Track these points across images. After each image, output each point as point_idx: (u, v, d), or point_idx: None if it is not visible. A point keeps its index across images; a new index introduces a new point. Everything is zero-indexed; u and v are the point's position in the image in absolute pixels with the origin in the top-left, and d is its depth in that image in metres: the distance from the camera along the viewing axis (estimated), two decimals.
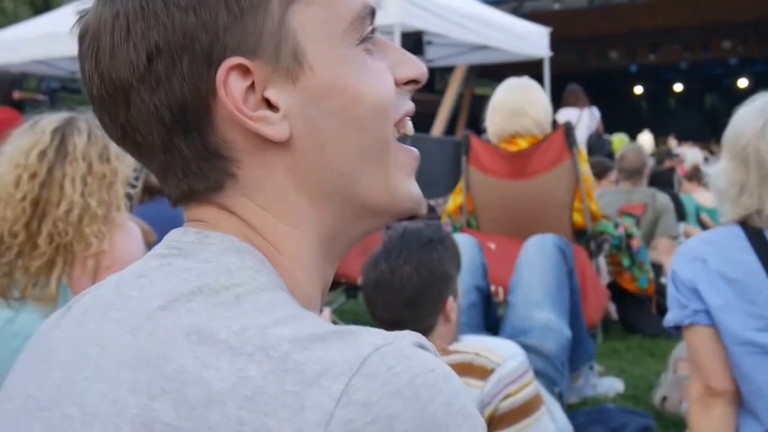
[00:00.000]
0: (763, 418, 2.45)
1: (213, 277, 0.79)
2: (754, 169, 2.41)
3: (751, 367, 2.45)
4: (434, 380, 0.71)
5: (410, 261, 2.45)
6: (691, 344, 2.52)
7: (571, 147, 4.58)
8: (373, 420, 0.68)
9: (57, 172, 2.33)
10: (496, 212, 4.74)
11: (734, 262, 2.46)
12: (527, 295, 3.41)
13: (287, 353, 0.72)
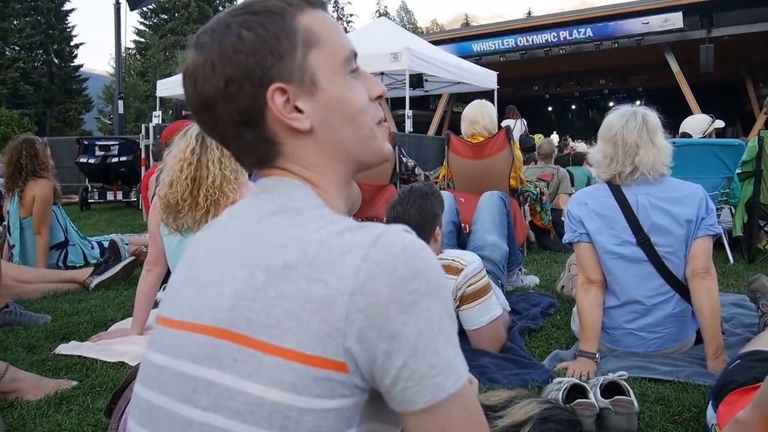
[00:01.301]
0: (619, 294, 2.50)
1: (286, 202, 0.82)
2: (620, 147, 2.42)
3: (612, 266, 2.48)
4: (418, 248, 0.74)
5: (414, 205, 2.47)
6: (577, 253, 2.54)
7: (510, 140, 4.59)
8: (381, 271, 0.71)
9: (203, 159, 2.40)
10: (465, 179, 4.75)
11: (603, 205, 2.48)
12: (482, 226, 3.42)
13: (331, 239, 0.75)
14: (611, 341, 2.52)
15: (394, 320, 0.70)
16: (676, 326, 2.46)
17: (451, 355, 0.73)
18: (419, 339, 0.70)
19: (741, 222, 4.66)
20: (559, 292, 3.49)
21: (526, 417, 1.02)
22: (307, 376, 0.72)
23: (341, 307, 0.71)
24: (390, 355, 0.71)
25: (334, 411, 0.73)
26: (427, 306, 0.72)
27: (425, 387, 0.71)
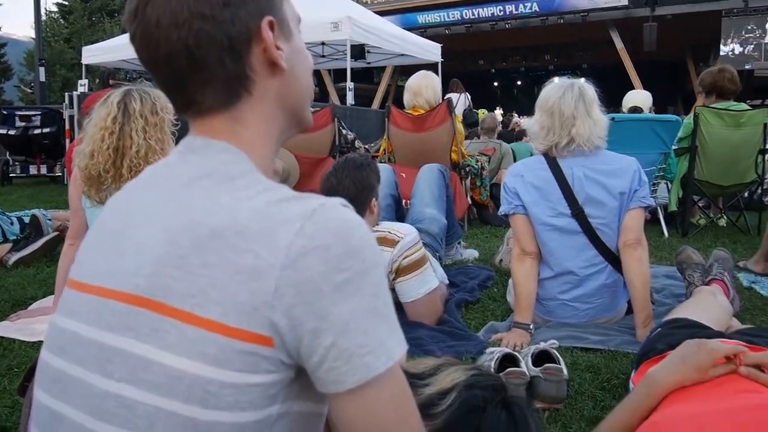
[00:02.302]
0: (553, 265, 2.56)
1: (214, 167, 0.79)
2: (557, 118, 2.47)
3: (547, 238, 2.54)
4: (354, 224, 0.74)
5: (349, 177, 2.47)
6: (513, 225, 2.60)
7: (451, 113, 4.61)
8: (316, 246, 0.70)
9: (126, 128, 2.33)
10: (406, 152, 4.76)
11: (539, 177, 2.53)
12: (421, 199, 3.45)
13: (265, 208, 0.74)
14: (545, 312, 2.60)
15: (326, 298, 0.70)
16: (609, 297, 2.56)
17: (383, 335, 0.73)
18: (350, 318, 0.70)
19: (676, 197, 4.85)
20: (498, 266, 3.57)
21: (452, 384, 1.04)
22: (230, 349, 0.71)
23: (271, 281, 0.70)
24: (318, 333, 0.70)
25: (258, 386, 0.72)
26: (360, 285, 0.71)
27: (353, 367, 0.70)
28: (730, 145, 4.60)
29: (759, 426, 1.08)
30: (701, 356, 1.34)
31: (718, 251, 2.82)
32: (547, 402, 1.84)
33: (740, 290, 3.11)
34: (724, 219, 5.12)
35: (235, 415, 0.72)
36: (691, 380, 1.33)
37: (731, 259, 2.81)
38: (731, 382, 1.32)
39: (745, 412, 1.14)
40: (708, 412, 1.18)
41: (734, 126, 4.57)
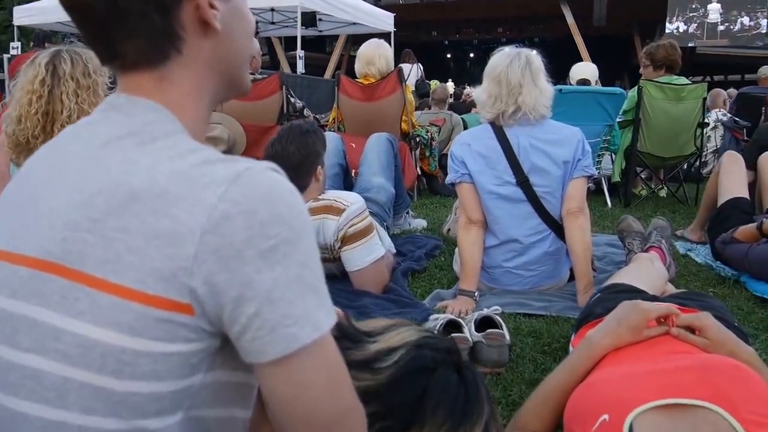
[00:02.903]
0: (498, 233, 2.59)
1: (137, 127, 0.76)
2: (504, 86, 2.48)
3: (492, 206, 2.56)
4: (283, 190, 0.72)
5: (294, 143, 2.44)
6: (459, 193, 2.62)
7: (401, 83, 4.58)
8: (240, 212, 0.68)
9: (55, 91, 2.18)
10: (356, 122, 4.72)
11: (485, 146, 2.55)
12: (369, 168, 3.42)
13: (187, 170, 0.71)
14: (490, 280, 2.64)
15: (249, 265, 0.68)
16: (552, 264, 2.61)
17: (310, 305, 0.71)
18: (274, 287, 0.68)
19: (620, 168, 4.97)
20: (445, 235, 3.59)
21: (402, 342, 1.02)
22: (146, 317, 0.68)
23: (190, 246, 0.68)
24: (241, 302, 0.68)
25: (177, 355, 0.70)
26: (286, 253, 0.69)
27: (277, 337, 0.69)
28: (671, 118, 4.72)
29: (688, 386, 1.12)
30: (635, 317, 1.38)
31: (657, 220, 2.91)
32: (490, 366, 1.88)
33: (677, 257, 3.22)
34: (665, 190, 5.28)
35: (153, 385, 0.70)
36: (625, 341, 1.37)
37: (669, 227, 2.91)
38: (664, 344, 1.37)
39: (675, 373, 1.18)
40: (640, 373, 1.22)
41: (675, 99, 4.69)
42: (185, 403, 0.74)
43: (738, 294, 2.66)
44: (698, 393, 1.09)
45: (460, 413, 0.98)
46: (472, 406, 1.00)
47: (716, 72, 18.14)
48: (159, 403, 0.71)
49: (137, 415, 0.71)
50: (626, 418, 1.08)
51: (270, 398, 0.75)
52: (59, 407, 0.70)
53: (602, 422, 1.11)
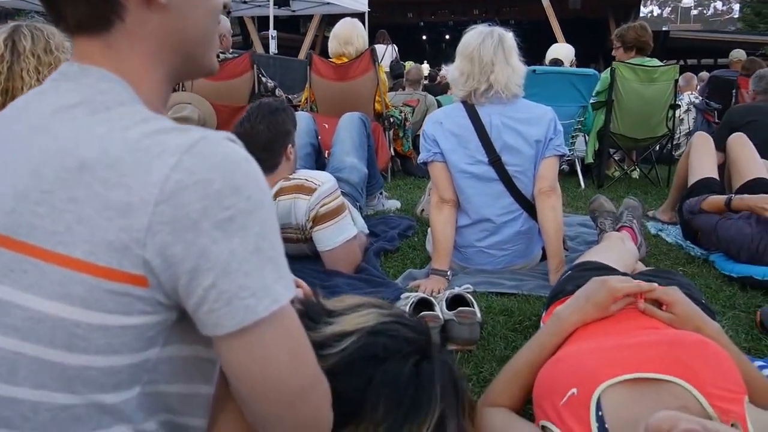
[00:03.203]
0: (470, 213, 2.59)
1: (90, 95, 0.74)
2: (476, 64, 2.47)
3: (464, 185, 2.56)
4: (239, 160, 0.71)
5: (264, 122, 2.40)
6: (432, 172, 2.61)
7: (375, 63, 4.55)
8: (195, 182, 0.67)
9: (15, 67, 2.09)
10: (328, 102, 4.68)
11: (457, 124, 2.54)
12: (341, 148, 3.40)
13: (140, 139, 0.70)
14: (463, 259, 2.64)
15: (205, 237, 0.67)
16: (524, 243, 2.62)
17: (268, 277, 0.70)
18: (231, 258, 0.68)
19: (593, 150, 5.00)
20: (419, 215, 3.59)
21: (356, 327, 0.99)
22: (98, 290, 0.67)
23: (143, 217, 0.66)
24: (197, 274, 0.68)
25: (132, 329, 0.69)
26: (243, 224, 0.69)
27: (234, 309, 0.68)
28: (643, 100, 4.76)
29: (655, 361, 1.13)
30: (603, 294, 1.39)
31: (628, 200, 2.93)
32: (461, 344, 1.88)
33: (648, 237, 3.25)
34: (637, 171, 5.33)
35: (108, 359, 0.69)
36: (593, 317, 1.38)
37: (641, 207, 2.94)
38: (633, 320, 1.38)
39: (642, 348, 1.19)
40: (608, 347, 1.23)
41: (648, 81, 4.72)
42: (143, 377, 0.73)
43: (707, 273, 2.70)
44: (665, 368, 1.10)
45: (407, 410, 0.93)
46: (422, 404, 0.95)
47: (689, 56, 18.33)
48: (116, 378, 0.71)
49: (93, 390, 0.70)
50: (594, 391, 1.09)
51: (231, 373, 0.74)
52: (10, 383, 0.69)
53: (570, 396, 1.12)
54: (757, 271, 2.49)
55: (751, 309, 2.23)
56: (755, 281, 2.46)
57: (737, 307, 2.28)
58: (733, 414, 1.04)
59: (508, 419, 1.29)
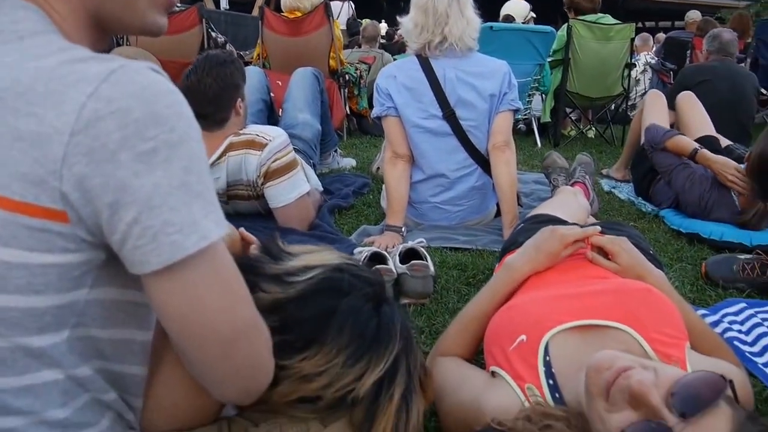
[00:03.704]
0: (425, 168, 2.59)
1: (2, 24, 0.70)
2: (431, 16, 2.44)
3: (418, 140, 2.55)
4: (162, 90, 0.68)
5: (211, 74, 2.33)
6: (385, 127, 2.59)
7: (329, 18, 4.47)
8: (113, 111, 0.65)
9: None
10: (281, 58, 4.60)
11: (411, 78, 2.52)
12: (294, 104, 3.33)
13: (54, 68, 0.67)
14: (417, 215, 2.64)
15: (125, 169, 0.64)
16: (478, 199, 2.64)
17: (196, 213, 0.68)
18: (155, 192, 0.65)
19: (549, 108, 5.04)
20: (374, 173, 3.57)
21: (321, 263, 1.00)
22: (14, 226, 0.65)
23: (58, 148, 0.64)
24: (118, 208, 0.65)
25: (55, 267, 0.67)
26: (167, 157, 0.66)
27: (160, 246, 0.66)
28: (599, 58, 4.80)
29: (602, 309, 1.15)
30: (552, 242, 1.41)
31: (581, 156, 2.96)
32: (414, 297, 1.89)
33: (601, 194, 3.31)
34: (593, 131, 5.41)
35: (30, 299, 0.67)
36: (544, 265, 1.40)
37: (593, 163, 2.98)
38: (581, 269, 1.40)
39: (590, 296, 1.21)
40: (557, 296, 1.25)
41: (604, 39, 4.76)
42: (71, 320, 0.71)
43: (656, 228, 2.77)
44: (611, 315, 1.14)
45: (369, 341, 0.95)
46: (382, 338, 0.97)
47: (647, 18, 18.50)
48: (40, 320, 0.68)
49: (17, 333, 0.68)
50: (543, 338, 1.12)
51: (161, 314, 0.73)
52: None
53: (520, 342, 1.14)
54: (703, 228, 2.57)
55: (698, 261, 2.29)
56: (701, 238, 2.53)
57: (684, 260, 2.34)
58: (674, 358, 1.07)
59: (460, 366, 1.31)
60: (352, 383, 0.93)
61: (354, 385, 0.93)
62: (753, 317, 1.85)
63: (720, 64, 3.88)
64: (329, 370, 0.92)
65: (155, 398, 0.86)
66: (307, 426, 0.96)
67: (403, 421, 0.97)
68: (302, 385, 0.92)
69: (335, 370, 0.92)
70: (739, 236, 2.46)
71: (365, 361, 0.94)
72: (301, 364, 0.91)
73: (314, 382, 0.92)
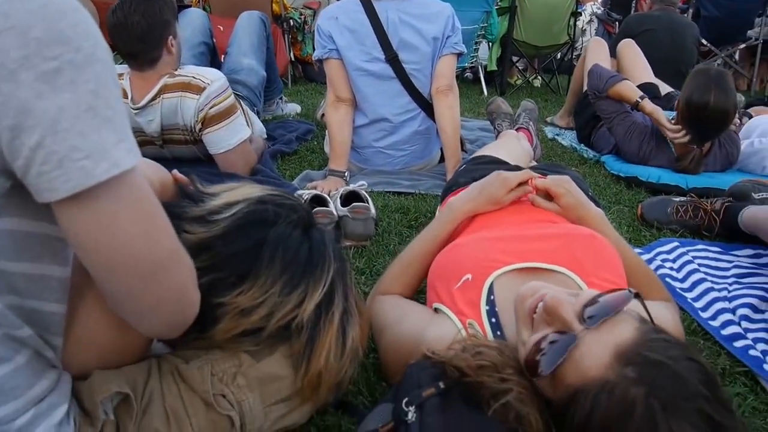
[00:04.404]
0: (368, 112, 2.56)
1: None
2: None
3: (361, 83, 2.51)
4: (65, 8, 0.64)
5: (138, 10, 2.19)
6: (327, 70, 2.53)
7: None
8: (11, 27, 0.61)
9: None
10: (222, 1, 4.42)
11: (353, 19, 2.46)
12: (239, 48, 3.22)
13: None
14: (361, 160, 2.62)
15: (26, 90, 0.61)
16: (422, 143, 2.62)
17: (106, 140, 0.65)
18: (60, 116, 0.62)
19: (496, 57, 5.02)
20: (319, 120, 3.52)
21: (243, 197, 0.98)
22: None
23: None
24: (20, 132, 0.61)
25: None
26: (73, 79, 0.63)
27: (67, 172, 0.63)
28: (546, 6, 4.79)
29: (548, 253, 1.17)
30: (496, 185, 1.41)
31: (525, 102, 2.96)
32: (355, 240, 1.88)
33: (545, 141, 3.35)
34: (539, 80, 5.43)
35: None
36: (486, 207, 1.41)
37: (537, 109, 2.98)
38: (528, 212, 1.42)
39: (537, 240, 1.23)
40: (505, 238, 1.26)
41: None
42: None
43: (597, 172, 2.82)
44: (556, 259, 1.16)
45: (303, 267, 0.96)
46: (316, 262, 0.98)
47: None
48: None
49: None
50: (488, 277, 1.14)
51: (78, 246, 0.70)
52: None
53: (465, 281, 1.16)
54: (642, 172, 2.62)
55: (634, 204, 2.35)
56: (640, 181, 2.59)
57: (622, 203, 2.40)
58: None
59: (401, 303, 1.32)
60: (294, 310, 0.94)
61: (296, 312, 0.94)
62: (684, 255, 1.91)
63: (662, 13, 3.91)
64: (267, 300, 0.92)
65: (76, 336, 0.83)
66: (239, 360, 0.96)
67: (340, 343, 0.98)
68: (242, 320, 0.92)
69: (273, 300, 0.92)
70: (675, 179, 2.53)
71: (303, 286, 0.95)
72: (237, 299, 0.91)
73: (254, 314, 0.92)
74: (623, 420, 0.71)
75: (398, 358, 1.12)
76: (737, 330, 1.50)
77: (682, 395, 0.71)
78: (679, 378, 0.72)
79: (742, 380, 1.32)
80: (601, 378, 0.75)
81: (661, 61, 3.47)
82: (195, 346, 0.97)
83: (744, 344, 1.44)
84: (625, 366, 0.74)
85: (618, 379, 0.73)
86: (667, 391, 0.71)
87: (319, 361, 0.96)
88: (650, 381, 0.72)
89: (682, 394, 0.71)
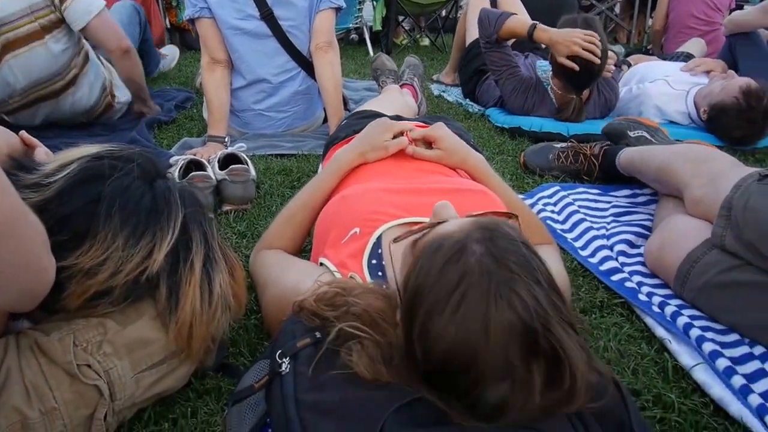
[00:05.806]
0: (245, 73, 2.47)
1: None
2: None
3: (236, 43, 2.43)
4: None
5: None
6: (200, 30, 2.42)
7: None
8: None
9: None
10: None
11: None
12: None
13: None
14: (241, 124, 2.54)
15: None
16: (304, 104, 2.56)
17: None
18: None
19: (381, 17, 4.99)
20: (198, 88, 3.37)
21: (77, 157, 0.94)
22: None
23: None
24: None
25: None
26: None
27: None
28: None
29: (430, 207, 1.16)
30: (379, 129, 1.40)
31: (410, 58, 2.96)
32: (235, 203, 1.82)
33: (431, 98, 3.36)
34: (426, 39, 5.44)
35: None
36: (371, 157, 1.40)
37: (421, 65, 2.98)
38: (415, 162, 1.40)
39: (427, 194, 1.23)
40: (392, 191, 1.25)
41: None
42: None
43: (482, 126, 2.87)
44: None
45: (146, 216, 0.93)
46: (161, 209, 0.95)
47: None
48: None
49: None
50: (375, 231, 1.13)
51: None
52: None
53: (353, 234, 1.15)
54: (524, 122, 2.68)
55: (518, 154, 2.40)
56: (523, 131, 2.65)
57: (505, 152, 2.45)
58: None
59: (283, 257, 1.29)
60: (144, 262, 0.91)
61: (146, 263, 0.91)
62: (565, 198, 1.98)
63: None
64: (111, 256, 0.89)
65: None
66: (105, 328, 0.92)
67: (207, 290, 0.96)
68: (89, 281, 0.89)
69: (117, 255, 0.89)
70: (557, 127, 2.61)
71: (149, 236, 0.92)
72: (79, 260, 0.88)
73: (100, 273, 0.89)
74: (457, 258, 0.73)
75: (279, 314, 1.09)
76: (614, 265, 1.57)
77: (513, 259, 0.73)
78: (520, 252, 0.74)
79: (619, 311, 1.39)
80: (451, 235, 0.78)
81: (543, 13, 3.51)
82: (56, 318, 0.93)
83: (620, 277, 1.51)
84: (477, 230, 0.76)
85: (464, 236, 0.76)
86: (500, 249, 0.73)
87: (185, 310, 0.94)
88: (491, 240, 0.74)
89: (513, 258, 0.73)
